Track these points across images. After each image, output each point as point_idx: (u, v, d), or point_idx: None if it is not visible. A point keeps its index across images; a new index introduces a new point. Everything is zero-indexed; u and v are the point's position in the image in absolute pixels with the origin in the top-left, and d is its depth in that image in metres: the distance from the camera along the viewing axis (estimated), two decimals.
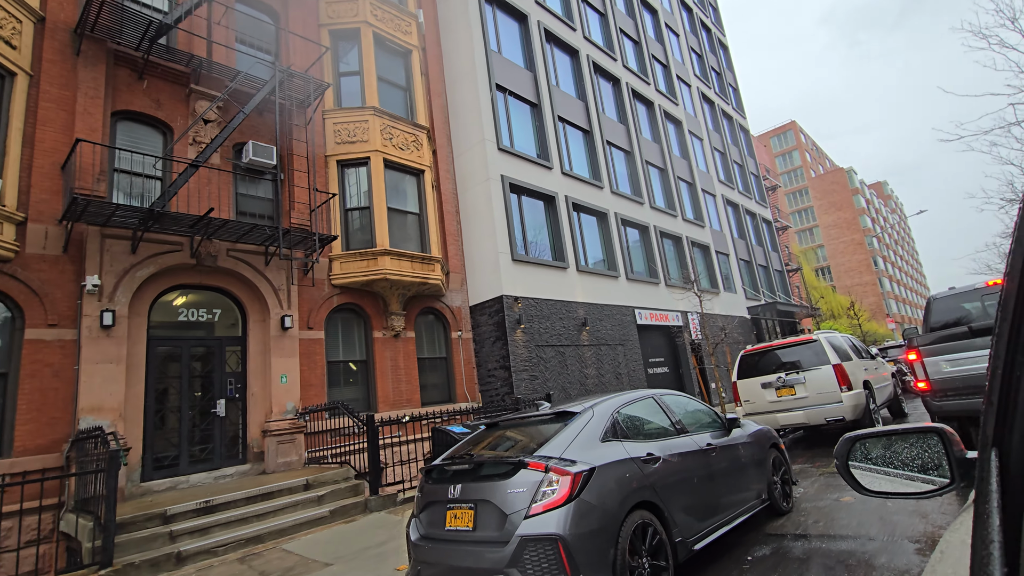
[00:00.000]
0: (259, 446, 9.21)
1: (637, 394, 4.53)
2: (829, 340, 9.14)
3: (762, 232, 30.79)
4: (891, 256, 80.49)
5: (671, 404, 4.72)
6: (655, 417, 4.48)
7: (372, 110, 11.94)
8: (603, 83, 20.54)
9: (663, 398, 4.70)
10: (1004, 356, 0.71)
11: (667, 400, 4.73)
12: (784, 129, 76.62)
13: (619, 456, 3.64)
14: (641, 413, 4.37)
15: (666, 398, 4.76)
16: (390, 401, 11.34)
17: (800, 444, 9.93)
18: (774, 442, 5.58)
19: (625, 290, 17.26)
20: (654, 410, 4.52)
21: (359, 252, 11.10)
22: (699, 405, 5.18)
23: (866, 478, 1.46)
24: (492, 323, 13.18)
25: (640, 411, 4.38)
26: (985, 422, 0.76)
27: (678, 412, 4.69)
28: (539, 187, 15.18)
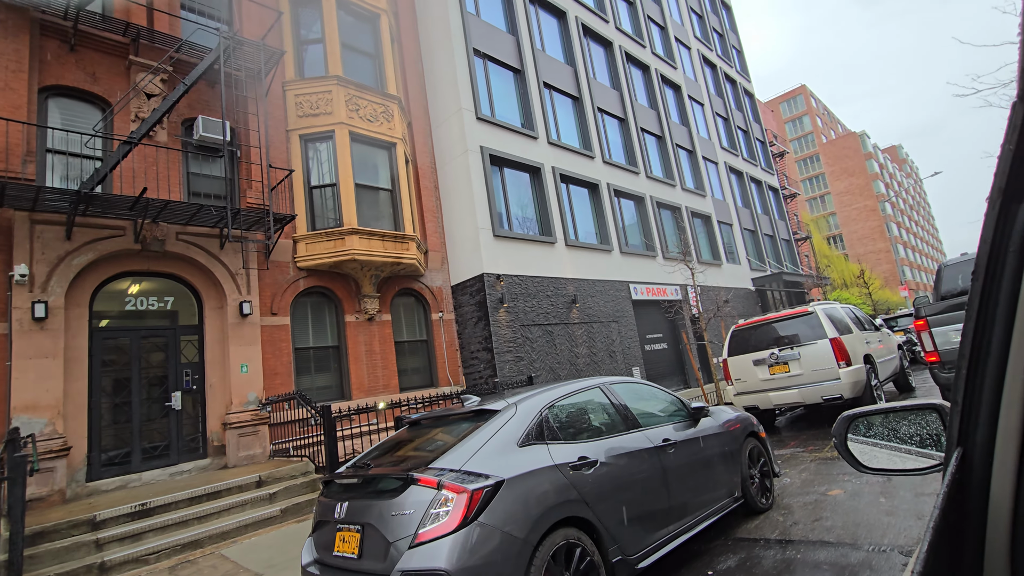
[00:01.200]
0: (220, 439, 8.75)
1: (579, 385, 3.88)
2: (826, 312, 8.39)
3: (768, 200, 29.65)
4: (905, 222, 78.33)
5: (623, 394, 4.06)
6: (599, 411, 3.83)
7: (336, 79, 11.15)
8: (594, 47, 19.44)
9: (613, 388, 4.04)
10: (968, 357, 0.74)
11: (618, 390, 4.07)
12: (793, 94, 74.06)
13: (540, 463, 3.00)
14: (581, 408, 3.73)
15: (617, 387, 4.10)
16: (365, 388, 10.82)
17: (798, 423, 9.27)
18: (751, 430, 4.92)
19: (619, 264, 16.50)
20: (599, 403, 3.87)
21: (325, 232, 10.46)
22: (661, 394, 4.52)
23: (865, 455, 1.45)
24: (474, 303, 12.55)
25: (580, 405, 3.73)
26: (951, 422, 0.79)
27: (631, 404, 4.04)
28: (523, 158, 14.36)
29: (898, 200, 77.87)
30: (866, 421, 1.50)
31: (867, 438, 1.49)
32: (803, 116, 73.53)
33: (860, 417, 1.51)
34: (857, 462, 1.45)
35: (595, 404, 3.84)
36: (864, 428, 1.50)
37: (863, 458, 1.45)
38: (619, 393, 4.03)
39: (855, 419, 1.51)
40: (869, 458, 1.45)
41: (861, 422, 1.51)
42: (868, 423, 1.50)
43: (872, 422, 1.50)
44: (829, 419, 8.83)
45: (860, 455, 1.46)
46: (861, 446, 1.48)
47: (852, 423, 1.51)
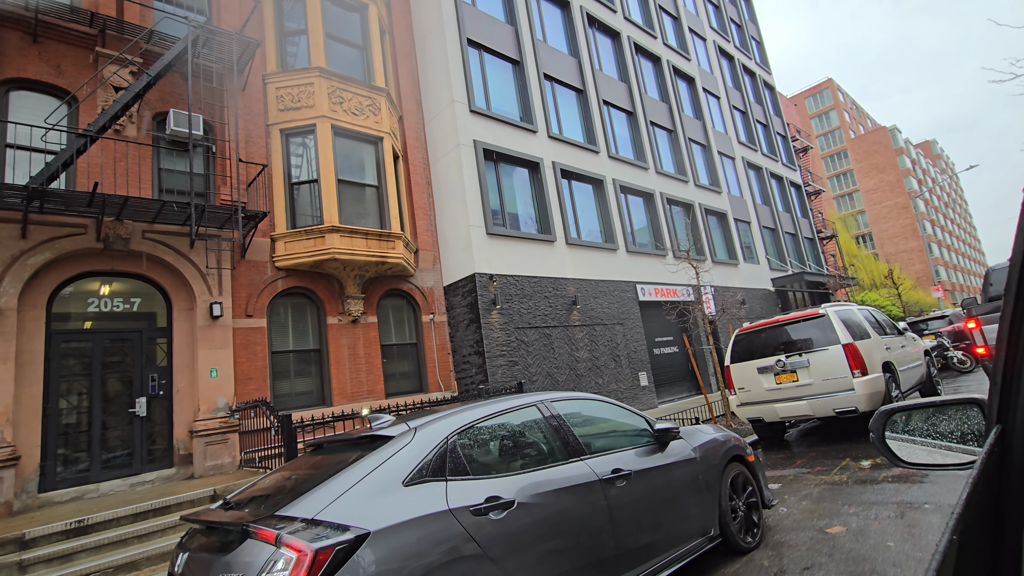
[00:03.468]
0: (187, 448, 8.32)
1: (508, 403, 3.21)
2: (839, 314, 7.54)
3: (790, 197, 28.39)
4: (940, 220, 75.11)
5: (567, 415, 3.39)
6: (530, 437, 3.17)
7: (318, 71, 10.69)
8: (600, 37, 18.69)
9: (555, 406, 3.37)
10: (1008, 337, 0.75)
11: (562, 409, 3.39)
12: (820, 88, 71.68)
13: (428, 508, 2.37)
14: (506, 433, 3.08)
15: (561, 406, 3.42)
16: (347, 393, 10.32)
17: (811, 437, 8.42)
18: (736, 454, 4.19)
19: (625, 264, 15.72)
20: (531, 426, 3.20)
21: (305, 230, 9.99)
22: (621, 414, 3.83)
23: (903, 450, 1.44)
24: (465, 304, 11.96)
25: (504, 430, 3.07)
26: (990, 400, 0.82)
27: (577, 426, 3.37)
28: (521, 153, 13.72)
29: (932, 197, 74.71)
30: (904, 416, 1.49)
31: (905, 433, 1.48)
32: (830, 111, 71.11)
33: (898, 412, 1.50)
34: (895, 456, 1.44)
35: (526, 428, 3.18)
36: (902, 423, 1.49)
37: (901, 453, 1.44)
38: (562, 413, 3.35)
39: (893, 414, 1.50)
40: (907, 453, 1.43)
41: (899, 417, 1.50)
42: (906, 418, 1.49)
43: (911, 417, 1.48)
44: (846, 434, 7.98)
45: (898, 450, 1.45)
46: (899, 441, 1.47)
47: (890, 418, 1.50)
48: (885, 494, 4.72)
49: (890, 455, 1.44)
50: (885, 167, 66.73)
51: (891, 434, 1.49)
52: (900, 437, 1.48)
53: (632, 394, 14.41)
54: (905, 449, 1.44)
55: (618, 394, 13.94)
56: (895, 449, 1.45)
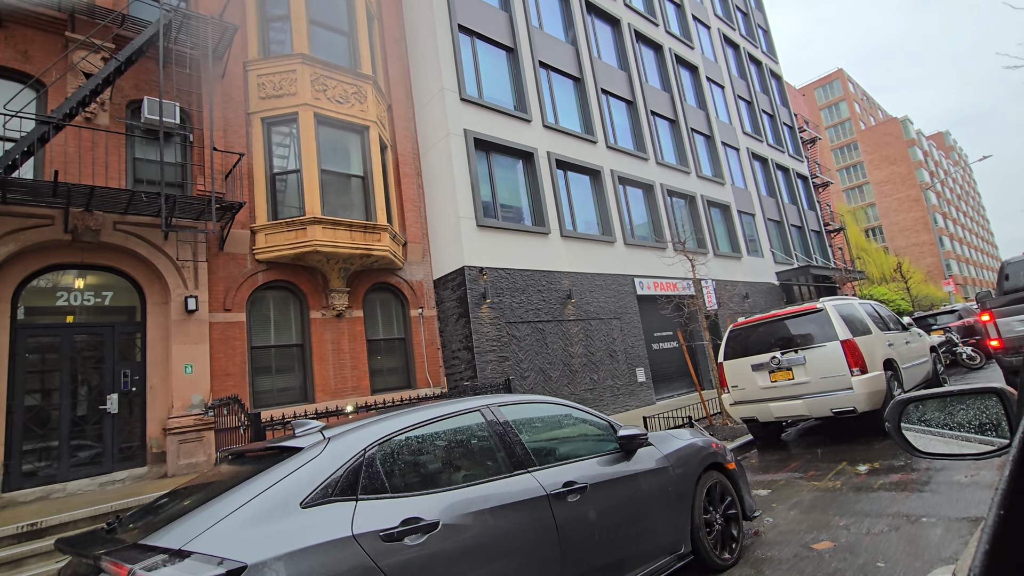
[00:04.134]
0: (160, 446, 8.08)
1: (446, 409, 2.87)
2: (838, 309, 7.13)
3: (796, 189, 27.77)
4: (952, 213, 73.76)
5: (516, 421, 3.04)
6: (469, 447, 2.83)
7: (300, 58, 10.35)
8: (599, 24, 18.20)
9: (502, 411, 3.02)
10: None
11: (510, 414, 3.05)
12: (830, 79, 70.40)
13: (327, 534, 2.04)
14: (439, 443, 2.73)
15: (510, 411, 3.07)
16: (331, 390, 10.04)
17: (809, 438, 8.03)
18: (713, 461, 3.84)
19: (623, 257, 15.32)
20: (471, 435, 2.86)
21: (286, 222, 9.69)
22: (582, 419, 3.48)
23: (919, 440, 1.42)
24: (454, 298, 11.64)
25: (437, 439, 2.73)
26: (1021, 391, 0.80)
27: (527, 434, 3.03)
28: (514, 143, 13.33)
29: (944, 189, 73.36)
30: (920, 406, 1.48)
31: (921, 424, 1.46)
32: (840, 102, 69.86)
33: (914, 402, 1.48)
34: (911, 447, 1.42)
35: (465, 436, 2.84)
36: (918, 413, 1.48)
37: (917, 443, 1.42)
38: (511, 420, 3.01)
39: (909, 403, 1.49)
40: (924, 443, 1.42)
41: (915, 407, 1.48)
42: (922, 408, 1.47)
43: (927, 407, 1.47)
44: (846, 434, 7.59)
45: (914, 440, 1.43)
46: (915, 432, 1.45)
47: (906, 408, 1.49)
48: (881, 504, 4.35)
49: (906, 445, 1.43)
50: (896, 159, 65.52)
51: (907, 424, 1.47)
52: (916, 427, 1.46)
53: (629, 390, 14.05)
54: (921, 439, 1.42)
55: (614, 390, 13.59)
56: (911, 439, 1.43)
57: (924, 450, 1.40)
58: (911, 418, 1.48)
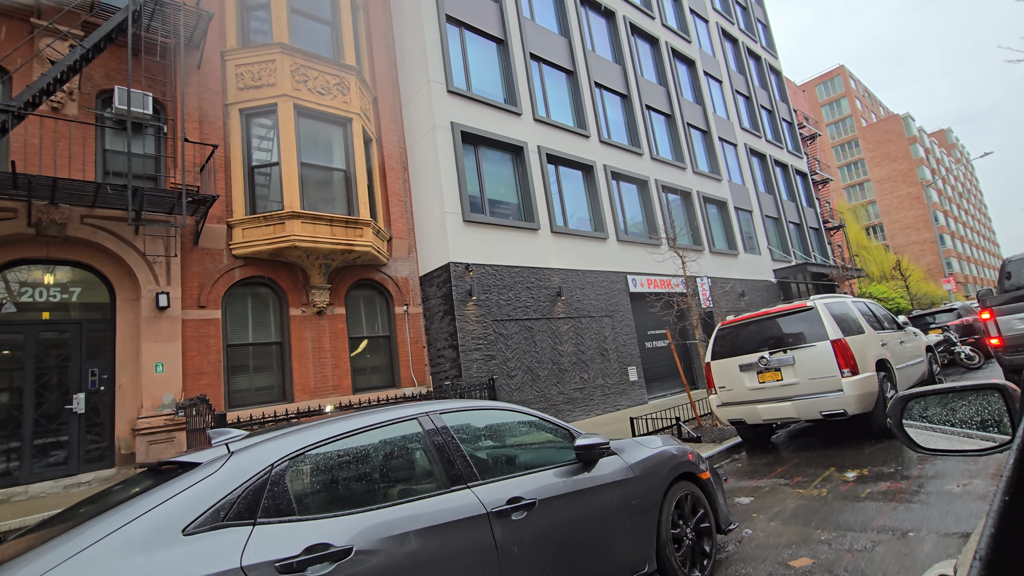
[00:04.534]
0: (129, 447, 7.83)
1: (377, 417, 2.59)
2: (830, 307, 6.86)
3: (795, 185, 27.45)
4: (954, 211, 73.32)
5: (459, 429, 2.77)
6: (398, 460, 2.57)
7: (280, 47, 10.07)
8: (594, 17, 17.87)
9: (443, 419, 2.74)
10: None
11: (452, 422, 2.77)
12: (831, 75, 69.89)
13: (210, 567, 1.77)
14: (363, 455, 2.46)
15: (452, 418, 2.80)
16: (311, 389, 9.79)
17: (800, 440, 7.77)
18: (684, 471, 3.57)
19: (615, 253, 15.04)
20: (404, 446, 2.60)
21: (264, 216, 9.42)
22: (535, 426, 3.21)
23: (921, 436, 1.43)
24: (440, 295, 11.37)
25: (362, 452, 2.45)
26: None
27: (470, 445, 2.76)
28: (504, 136, 13.03)
29: (945, 187, 72.91)
30: (922, 402, 1.47)
31: (923, 420, 1.47)
32: (841, 99, 69.37)
33: (916, 398, 1.48)
34: (913, 443, 1.42)
35: (396, 448, 2.57)
36: (920, 409, 1.47)
37: (919, 439, 1.42)
38: (453, 427, 2.74)
39: (911, 399, 1.49)
40: (925, 439, 1.42)
41: (917, 403, 1.48)
42: (924, 404, 1.47)
43: (929, 403, 1.46)
44: (837, 437, 7.33)
45: (916, 436, 1.43)
46: (916, 428, 1.45)
47: (908, 404, 1.49)
48: (867, 515, 4.09)
49: (908, 441, 1.43)
50: (897, 156, 65.08)
51: (908, 421, 1.47)
52: (918, 424, 1.46)
53: (620, 390, 13.80)
54: (923, 435, 1.43)
55: (605, 390, 13.34)
56: (913, 435, 1.44)
57: (926, 446, 1.39)
58: (913, 414, 1.47)
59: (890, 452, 5.92)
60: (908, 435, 1.44)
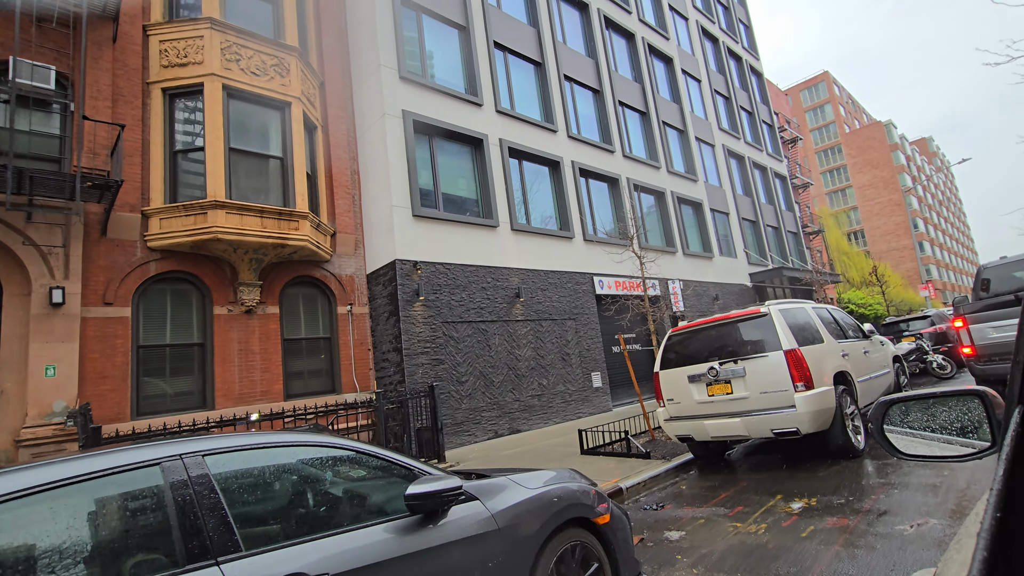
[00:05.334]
0: (10, 459, 6.98)
1: (99, 463, 1.84)
2: (785, 314, 6.24)
3: (774, 188, 27.08)
4: (933, 218, 74.04)
5: (233, 475, 2.05)
6: (119, 527, 1.84)
7: (209, 22, 9.26)
8: (566, 8, 17.23)
9: (208, 463, 2.00)
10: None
11: (221, 466, 2.04)
12: (815, 81, 70.20)
13: None
14: (60, 521, 1.72)
15: (221, 461, 2.07)
16: (235, 395, 8.99)
17: (756, 456, 7.14)
18: (574, 516, 2.88)
19: (582, 254, 14.40)
20: (128, 506, 1.87)
21: (184, 205, 8.61)
22: (360, 464, 2.50)
23: (902, 442, 1.42)
24: (386, 295, 10.62)
25: (57, 515, 1.72)
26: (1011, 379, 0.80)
27: (244, 497, 2.04)
28: (462, 128, 12.32)
29: (926, 195, 73.61)
30: (903, 408, 1.48)
31: (904, 426, 1.46)
32: (825, 104, 69.69)
33: (898, 403, 1.48)
34: (894, 448, 1.41)
35: (111, 512, 1.84)
36: (901, 415, 1.48)
37: (900, 444, 1.42)
38: (217, 476, 2.00)
39: (893, 405, 1.49)
40: (906, 445, 1.41)
41: (898, 408, 1.48)
42: (905, 410, 1.48)
43: (910, 409, 1.47)
44: (794, 456, 6.72)
45: (897, 442, 1.42)
46: (897, 434, 1.45)
47: (889, 409, 1.49)
48: (803, 562, 3.45)
49: (889, 447, 1.42)
50: (879, 163, 65.50)
51: (890, 426, 1.47)
52: (899, 429, 1.46)
53: (583, 396, 13.15)
54: (904, 441, 1.42)
55: (566, 396, 12.68)
56: (894, 441, 1.43)
57: (906, 452, 1.40)
58: (894, 420, 1.48)
59: (845, 476, 5.31)
60: (889, 440, 1.43)
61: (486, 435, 10.76)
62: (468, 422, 10.57)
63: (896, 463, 5.54)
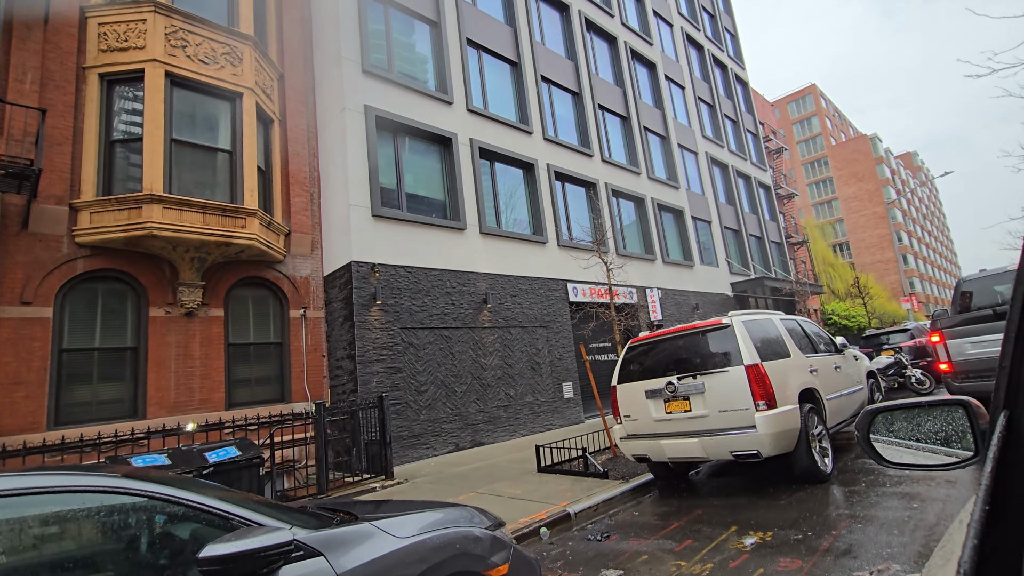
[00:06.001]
0: None
1: None
2: (748, 325, 5.78)
3: (758, 198, 26.87)
4: (917, 231, 74.73)
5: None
6: None
7: (153, 5, 8.70)
8: (545, 8, 16.86)
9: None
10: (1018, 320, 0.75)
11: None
12: (802, 93, 70.76)
13: None
14: None
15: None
16: (169, 403, 8.36)
17: (720, 478, 6.66)
18: (459, 570, 2.36)
19: (555, 259, 13.93)
20: None
21: (117, 199, 8.00)
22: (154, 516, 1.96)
23: (887, 451, 1.43)
24: (342, 298, 10.07)
25: None
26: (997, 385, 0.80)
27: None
28: (430, 126, 11.82)
29: (910, 208, 74.33)
30: (889, 417, 1.49)
31: (890, 434, 1.47)
32: (812, 117, 70.22)
33: (883, 412, 1.49)
34: (880, 456, 1.42)
35: None
36: (886, 424, 1.49)
37: (886, 453, 1.42)
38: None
39: (878, 414, 1.50)
40: (891, 453, 1.41)
41: (884, 417, 1.49)
42: (891, 419, 1.48)
43: (895, 418, 1.48)
44: (762, 479, 6.24)
45: (883, 450, 1.43)
46: (883, 443, 1.46)
47: (875, 418, 1.50)
48: None
49: (875, 455, 1.42)
50: (864, 176, 66.01)
51: (875, 435, 1.47)
52: (885, 438, 1.47)
53: (553, 408, 12.64)
54: (889, 450, 1.42)
55: (535, 407, 12.16)
56: (880, 450, 1.43)
57: (892, 460, 1.39)
58: (879, 429, 1.48)
59: (807, 506, 4.84)
60: (875, 448, 1.44)
61: (446, 448, 10.20)
62: (427, 434, 10.01)
63: (864, 491, 5.08)
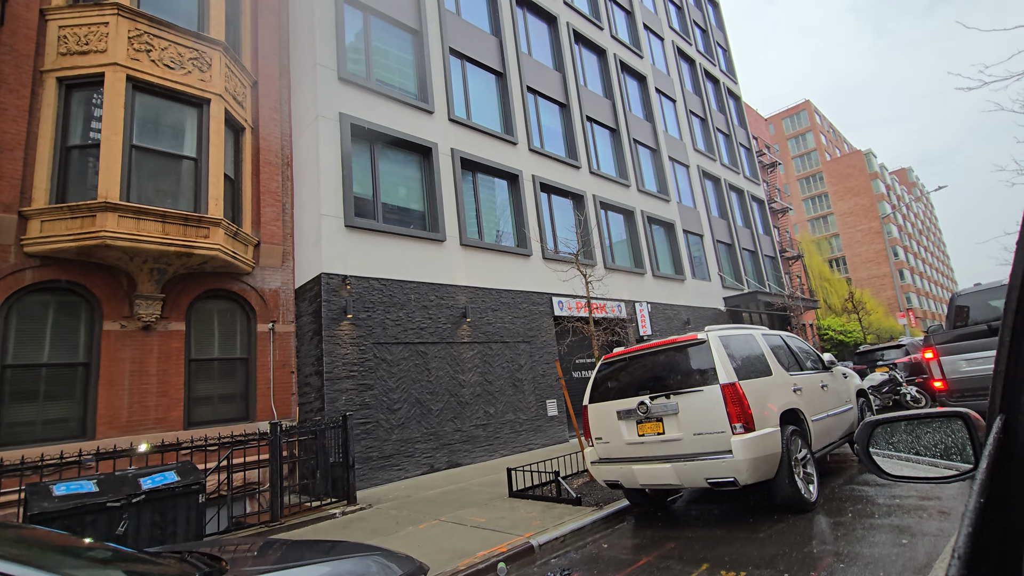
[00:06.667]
0: None
1: None
2: (725, 341, 5.38)
3: (751, 212, 26.65)
4: (913, 246, 74.73)
5: None
6: None
7: (116, 7, 8.41)
8: (532, 19, 16.73)
9: None
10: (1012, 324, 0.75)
11: None
12: (797, 109, 71.21)
13: None
14: None
15: None
16: (122, 423, 7.90)
17: (700, 505, 6.20)
18: None
19: (539, 272, 13.56)
20: None
21: (70, 207, 7.63)
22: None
23: (887, 463, 1.41)
24: (311, 312, 9.66)
25: None
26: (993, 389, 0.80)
27: None
28: (409, 135, 11.53)
29: (905, 223, 74.41)
30: (888, 429, 1.48)
31: (890, 447, 1.46)
32: (806, 132, 70.58)
33: (883, 424, 1.48)
34: (880, 469, 1.41)
35: None
36: (886, 436, 1.48)
37: (885, 465, 1.41)
38: None
39: (878, 426, 1.49)
40: (892, 466, 1.40)
41: (883, 430, 1.48)
42: (890, 431, 1.48)
43: (895, 430, 1.47)
44: (744, 508, 5.79)
45: (883, 463, 1.41)
46: (883, 456, 1.44)
47: (875, 431, 1.49)
48: None
49: (875, 468, 1.41)
50: (859, 191, 66.13)
51: (875, 448, 1.45)
52: (885, 451, 1.45)
53: (536, 426, 12.17)
54: (889, 463, 1.41)
55: (516, 426, 11.69)
56: (880, 462, 1.42)
57: (891, 473, 1.37)
58: (879, 441, 1.47)
59: (788, 539, 4.40)
60: (875, 462, 1.41)
61: (419, 469, 9.72)
62: (399, 455, 9.53)
63: (850, 522, 4.65)
